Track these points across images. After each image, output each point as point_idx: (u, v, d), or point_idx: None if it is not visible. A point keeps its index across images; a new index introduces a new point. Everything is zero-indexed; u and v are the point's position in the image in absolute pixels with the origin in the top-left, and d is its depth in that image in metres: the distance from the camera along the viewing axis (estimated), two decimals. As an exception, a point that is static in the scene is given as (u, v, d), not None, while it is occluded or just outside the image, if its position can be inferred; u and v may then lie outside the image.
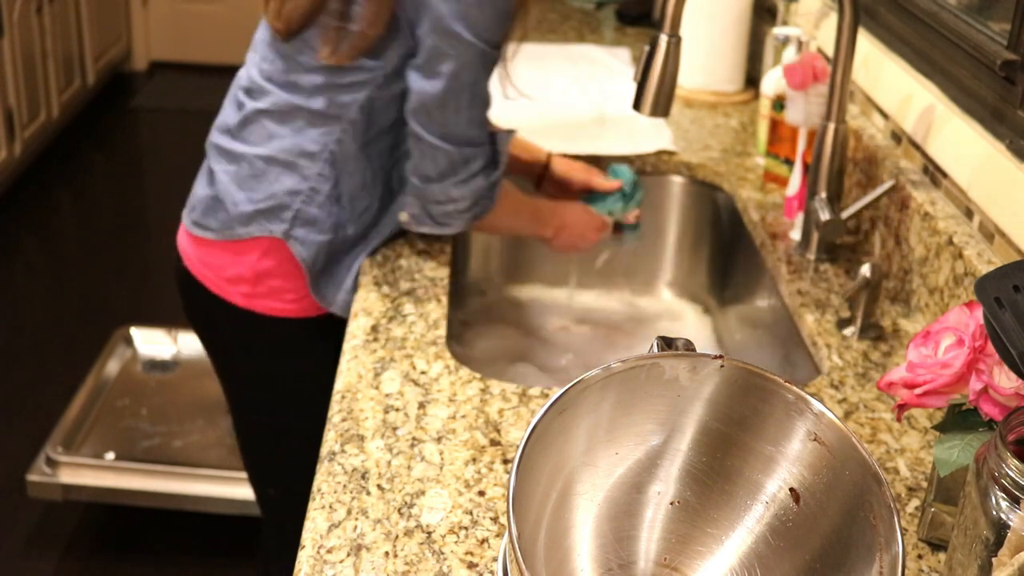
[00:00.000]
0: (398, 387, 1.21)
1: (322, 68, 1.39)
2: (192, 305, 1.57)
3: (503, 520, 1.01)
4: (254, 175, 1.44)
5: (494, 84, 1.44)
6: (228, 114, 1.50)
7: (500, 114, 2.00)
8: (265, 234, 1.44)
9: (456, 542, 0.99)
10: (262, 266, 1.46)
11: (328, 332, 1.49)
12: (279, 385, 1.56)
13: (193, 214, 1.51)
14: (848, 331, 1.34)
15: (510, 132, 1.48)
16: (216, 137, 1.50)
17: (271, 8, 1.40)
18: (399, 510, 1.02)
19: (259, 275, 1.46)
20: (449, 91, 1.35)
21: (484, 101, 1.40)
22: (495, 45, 1.37)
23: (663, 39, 1.39)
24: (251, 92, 1.46)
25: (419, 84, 1.36)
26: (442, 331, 1.32)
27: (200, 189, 1.51)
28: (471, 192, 1.41)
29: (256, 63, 1.46)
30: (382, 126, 1.43)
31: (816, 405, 0.82)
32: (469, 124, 1.38)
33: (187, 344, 2.75)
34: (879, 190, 1.44)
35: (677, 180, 1.86)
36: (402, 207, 1.46)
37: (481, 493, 1.05)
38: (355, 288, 1.46)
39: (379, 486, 1.06)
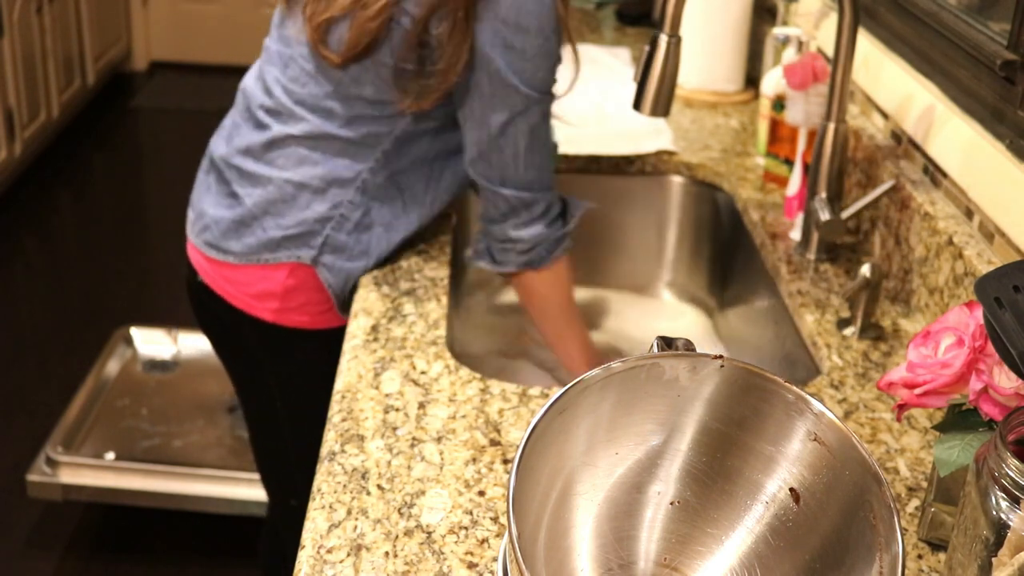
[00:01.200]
0: (398, 387, 1.21)
1: (363, 99, 1.36)
2: (213, 320, 1.55)
3: (503, 520, 1.01)
4: (283, 200, 1.41)
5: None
6: (247, 135, 1.45)
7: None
8: (293, 260, 1.42)
9: (456, 542, 0.99)
10: (290, 282, 1.44)
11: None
12: (309, 396, 1.52)
13: (206, 234, 1.47)
14: (848, 331, 1.34)
15: (586, 204, 1.49)
16: (236, 159, 1.45)
17: (315, 37, 1.34)
18: (399, 510, 1.02)
19: (288, 291, 1.44)
20: (506, 137, 1.35)
21: (544, 145, 1.39)
22: (551, 91, 1.37)
23: (663, 39, 1.39)
24: (276, 114, 1.42)
25: (475, 134, 1.36)
26: (442, 331, 1.32)
27: (214, 210, 1.46)
28: (530, 236, 1.42)
29: (281, 83, 1.41)
30: (414, 158, 1.42)
31: (816, 405, 0.82)
32: (527, 168, 1.38)
33: (187, 344, 2.75)
34: (879, 190, 1.44)
35: (677, 180, 1.86)
36: (470, 243, 1.48)
37: (481, 493, 1.05)
38: None
39: (379, 486, 1.06)
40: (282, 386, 1.56)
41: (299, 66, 1.39)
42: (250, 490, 2.26)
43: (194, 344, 2.72)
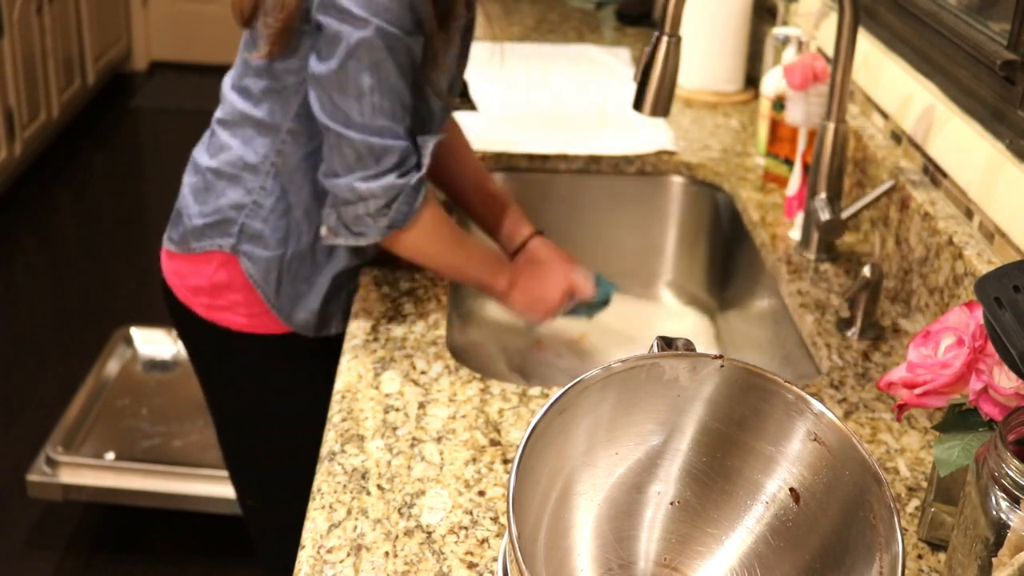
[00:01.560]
0: (398, 387, 1.21)
1: (264, 71, 1.37)
2: (171, 313, 1.56)
3: (503, 520, 1.01)
4: (206, 188, 1.43)
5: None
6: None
7: (500, 115, 2.01)
8: (215, 248, 1.42)
9: (456, 542, 0.99)
10: (219, 278, 1.43)
11: (288, 352, 1.47)
12: (245, 399, 1.54)
13: (168, 226, 1.51)
14: (848, 331, 1.34)
15: (436, 136, 1.38)
16: (195, 148, 1.50)
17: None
18: (399, 510, 1.02)
19: (216, 287, 1.44)
20: (346, 72, 1.27)
21: (393, 89, 1.29)
22: (403, 29, 1.28)
23: (663, 39, 1.39)
24: (221, 99, 1.45)
25: (317, 67, 1.29)
26: (442, 331, 1.32)
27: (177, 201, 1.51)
28: (381, 190, 1.30)
29: (229, 72, 1.46)
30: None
31: (816, 405, 0.82)
32: (375, 113, 1.28)
33: (187, 344, 2.75)
34: (879, 190, 1.44)
35: (677, 180, 1.86)
36: (322, 220, 1.38)
37: (481, 493, 1.05)
38: (323, 310, 1.43)
39: (379, 486, 1.06)
40: (220, 386, 1.57)
41: (239, 51, 1.43)
42: (250, 490, 2.26)
43: (194, 344, 2.72)
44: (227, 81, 1.45)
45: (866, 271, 1.32)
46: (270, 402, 1.52)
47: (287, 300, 1.43)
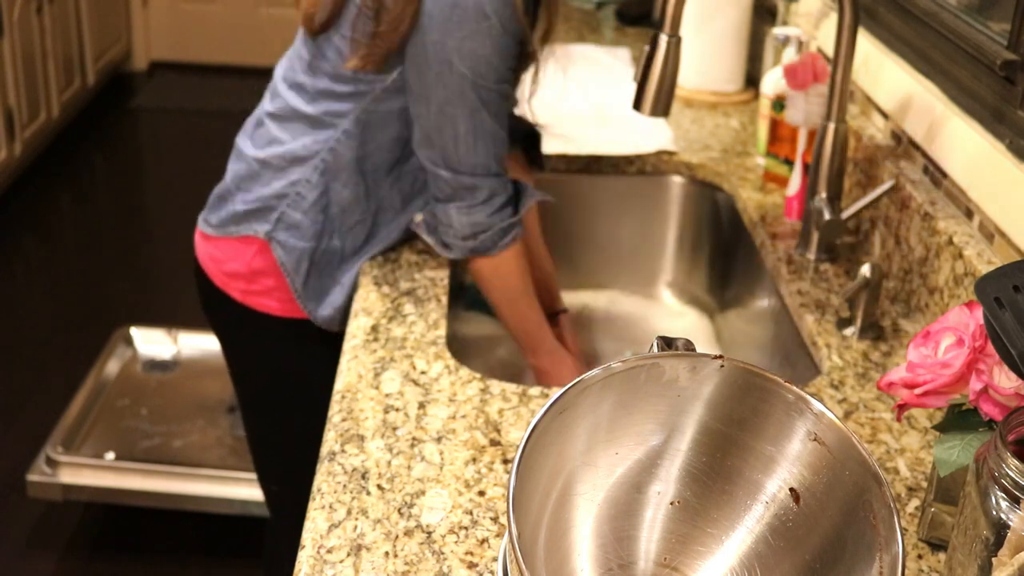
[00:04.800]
0: (398, 387, 1.21)
1: (326, 73, 1.40)
2: (204, 298, 1.59)
3: (503, 520, 1.01)
4: (251, 176, 1.47)
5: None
6: (255, 113, 1.53)
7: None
8: (251, 234, 1.46)
9: (456, 542, 0.99)
10: (256, 264, 1.47)
11: (320, 337, 1.49)
12: (277, 383, 1.57)
13: (205, 210, 1.54)
14: (848, 331, 1.34)
15: (539, 194, 1.47)
16: (238, 136, 1.53)
17: (301, 5, 1.41)
18: (399, 510, 1.02)
19: (254, 272, 1.48)
20: (444, 116, 1.35)
21: (489, 131, 1.37)
22: (499, 79, 1.35)
23: (663, 39, 1.39)
24: (271, 92, 1.49)
25: (417, 110, 1.37)
26: (442, 331, 1.32)
27: (216, 186, 1.55)
28: (472, 223, 1.40)
29: (283, 63, 1.49)
30: (380, 142, 1.42)
31: (816, 405, 0.82)
32: (469, 151, 1.37)
33: (187, 344, 2.75)
34: (879, 190, 1.44)
35: (677, 180, 1.86)
36: (419, 209, 1.47)
37: (481, 493, 1.05)
38: (347, 306, 1.46)
39: (379, 486, 1.06)
40: (251, 370, 1.61)
41: (294, 48, 1.46)
42: (250, 490, 2.26)
43: (194, 344, 2.73)
44: (279, 74, 1.48)
45: (866, 271, 1.32)
46: (300, 387, 1.54)
47: (313, 294, 1.47)
